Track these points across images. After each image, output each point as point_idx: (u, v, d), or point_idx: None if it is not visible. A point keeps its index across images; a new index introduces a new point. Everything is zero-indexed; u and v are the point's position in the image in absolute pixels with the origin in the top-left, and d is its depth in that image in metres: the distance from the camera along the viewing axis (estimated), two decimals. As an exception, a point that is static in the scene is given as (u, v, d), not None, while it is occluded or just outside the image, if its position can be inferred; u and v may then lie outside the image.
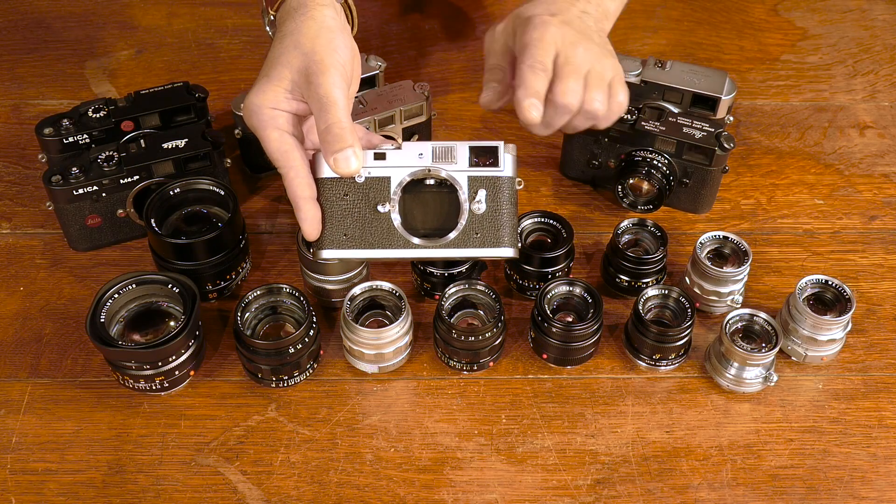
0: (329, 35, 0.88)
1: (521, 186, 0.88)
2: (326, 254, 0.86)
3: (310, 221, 0.86)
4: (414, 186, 0.87)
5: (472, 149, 0.87)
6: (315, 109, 0.85)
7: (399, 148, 0.86)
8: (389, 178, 0.86)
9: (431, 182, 0.87)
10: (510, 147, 0.87)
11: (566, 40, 0.93)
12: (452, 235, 0.86)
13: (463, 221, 0.86)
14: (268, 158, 1.13)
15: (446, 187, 0.87)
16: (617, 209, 1.13)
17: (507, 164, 0.87)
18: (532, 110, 0.89)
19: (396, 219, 0.86)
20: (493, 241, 0.86)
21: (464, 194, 0.86)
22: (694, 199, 1.11)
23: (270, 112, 0.86)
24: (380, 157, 0.86)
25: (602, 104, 0.94)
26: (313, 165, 0.87)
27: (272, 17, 0.96)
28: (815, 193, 1.15)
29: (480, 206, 0.86)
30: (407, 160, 0.86)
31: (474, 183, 0.86)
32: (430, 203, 0.87)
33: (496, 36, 0.98)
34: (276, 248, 1.09)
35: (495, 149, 0.87)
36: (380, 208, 0.86)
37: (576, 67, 0.92)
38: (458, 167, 0.86)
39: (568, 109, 0.92)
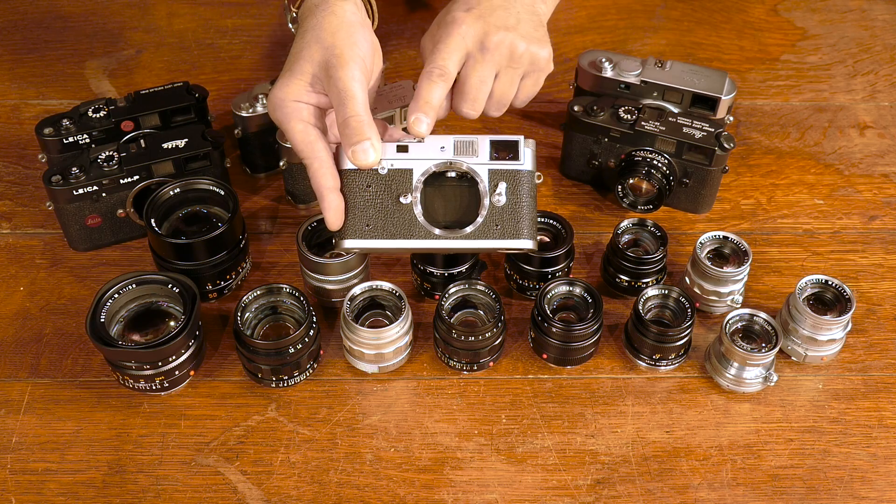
0: (349, 29, 0.89)
1: (541, 181, 0.89)
2: (349, 244, 0.87)
3: (333, 211, 0.86)
4: (435, 179, 0.88)
5: (492, 143, 0.88)
6: (334, 103, 0.86)
7: (421, 141, 0.87)
8: (412, 170, 0.87)
9: (453, 175, 0.88)
10: (530, 142, 0.88)
11: (476, 37, 0.92)
12: (473, 227, 0.87)
13: (483, 213, 0.87)
14: (263, 160, 1.15)
15: (467, 180, 0.88)
16: (617, 209, 1.13)
17: (526, 158, 0.88)
18: (419, 126, 0.88)
19: (418, 210, 0.87)
20: (513, 233, 0.87)
21: (484, 187, 0.87)
22: (694, 199, 1.11)
23: (294, 105, 0.88)
24: (402, 149, 0.88)
25: (505, 97, 0.96)
26: (337, 157, 0.88)
27: (294, 14, 0.97)
28: (815, 193, 1.15)
29: (501, 199, 0.87)
30: (429, 153, 0.88)
31: (495, 176, 0.87)
32: (452, 195, 0.88)
33: (424, 42, 0.97)
34: (276, 248, 1.09)
35: (516, 143, 0.88)
36: (402, 199, 0.87)
37: (483, 64, 0.92)
38: (479, 160, 0.88)
39: (472, 104, 0.93)
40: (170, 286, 0.94)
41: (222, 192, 1.02)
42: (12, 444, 0.92)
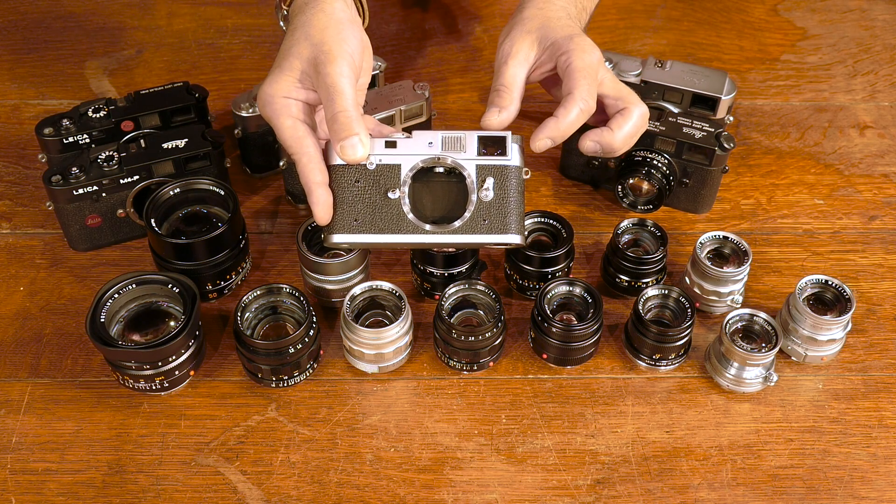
0: (338, 26, 0.89)
1: (528, 176, 0.89)
2: (337, 238, 0.88)
3: (321, 206, 0.87)
4: (423, 174, 0.88)
5: (480, 138, 0.88)
6: (323, 98, 0.86)
7: (409, 136, 0.88)
8: (400, 165, 0.88)
9: (441, 170, 0.88)
10: (517, 138, 0.89)
11: (605, 70, 0.97)
12: (460, 222, 0.87)
13: (471, 208, 0.87)
14: (263, 160, 1.15)
15: (455, 175, 0.88)
16: (617, 209, 1.13)
17: (514, 153, 0.88)
18: (542, 146, 0.95)
19: (406, 205, 0.87)
20: (501, 227, 0.87)
21: (472, 182, 0.87)
22: (694, 199, 1.11)
23: (283, 101, 0.88)
24: (390, 145, 0.88)
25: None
26: (325, 153, 0.88)
27: (285, 13, 0.97)
28: (815, 193, 1.15)
29: (488, 194, 0.87)
30: (417, 148, 0.88)
31: (482, 171, 0.88)
32: (439, 190, 0.88)
33: (511, 53, 0.97)
34: (276, 248, 1.09)
35: (503, 139, 0.88)
36: (390, 195, 0.87)
37: (633, 109, 0.97)
38: (466, 156, 0.88)
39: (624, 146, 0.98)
40: (170, 286, 0.94)
41: (222, 192, 1.02)
42: (12, 444, 0.92)
